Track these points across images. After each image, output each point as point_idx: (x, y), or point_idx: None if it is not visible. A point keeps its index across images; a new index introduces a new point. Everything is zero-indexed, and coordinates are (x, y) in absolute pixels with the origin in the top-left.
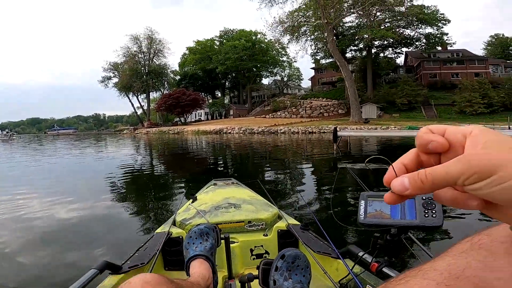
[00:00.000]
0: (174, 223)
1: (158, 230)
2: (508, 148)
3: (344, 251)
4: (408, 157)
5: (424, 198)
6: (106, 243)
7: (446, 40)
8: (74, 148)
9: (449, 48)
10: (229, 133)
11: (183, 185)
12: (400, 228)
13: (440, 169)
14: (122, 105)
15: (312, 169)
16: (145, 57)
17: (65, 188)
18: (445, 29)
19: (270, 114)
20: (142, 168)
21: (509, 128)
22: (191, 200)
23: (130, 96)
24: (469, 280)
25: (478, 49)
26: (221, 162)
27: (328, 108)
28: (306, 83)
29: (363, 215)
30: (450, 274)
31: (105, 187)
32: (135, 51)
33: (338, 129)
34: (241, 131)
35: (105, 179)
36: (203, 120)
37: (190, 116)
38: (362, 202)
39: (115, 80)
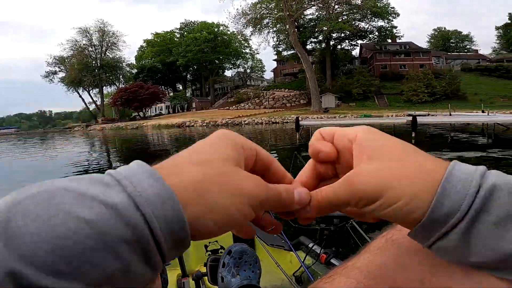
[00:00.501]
0: None
1: None
2: (397, 159)
3: (296, 243)
4: (305, 172)
5: None
6: None
7: (396, 33)
8: (16, 148)
9: (397, 40)
10: (192, 126)
11: None
12: (342, 218)
13: (329, 191)
14: (71, 101)
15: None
16: (97, 51)
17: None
18: (395, 22)
19: (233, 106)
20: (93, 168)
21: (450, 114)
22: None
23: (80, 91)
24: (384, 282)
25: (422, 42)
26: None
27: (290, 99)
28: (268, 75)
29: None
30: (369, 273)
31: None
32: (84, 44)
33: (300, 118)
34: (204, 124)
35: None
36: (164, 114)
37: (149, 110)
38: None
39: (62, 74)
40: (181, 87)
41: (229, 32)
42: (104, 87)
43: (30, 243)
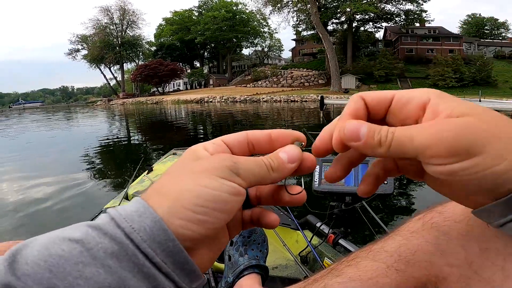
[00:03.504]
0: (126, 197)
1: (108, 205)
2: (491, 117)
3: (303, 222)
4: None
5: None
6: (49, 221)
7: (425, 17)
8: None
9: (426, 25)
10: (211, 102)
11: (152, 156)
12: (354, 197)
13: (405, 134)
14: (92, 77)
15: None
16: (118, 29)
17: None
18: (424, 6)
19: (251, 84)
20: (119, 139)
21: (480, 100)
22: (146, 171)
23: (102, 67)
24: (419, 266)
25: (453, 27)
26: (201, 130)
27: (308, 78)
28: (286, 54)
29: (317, 182)
30: (400, 257)
31: (59, 160)
32: (106, 23)
33: (324, 97)
34: (223, 100)
35: (66, 152)
36: (182, 90)
37: (168, 86)
38: (317, 168)
39: (84, 52)
40: (198, 64)
41: (247, 11)
42: (125, 63)
43: (29, 262)
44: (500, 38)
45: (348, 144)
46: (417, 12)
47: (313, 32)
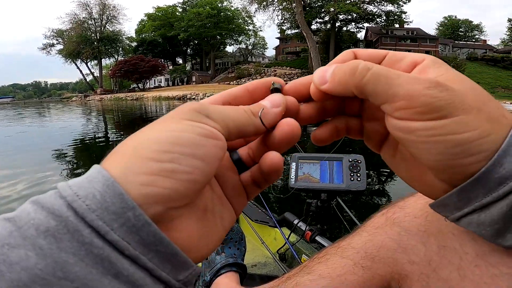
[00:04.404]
0: None
1: None
2: (477, 88)
3: (281, 219)
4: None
5: (350, 160)
6: None
7: (404, 18)
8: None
9: (405, 26)
10: (193, 99)
11: None
12: (329, 193)
13: (382, 72)
14: (67, 72)
15: None
16: (96, 24)
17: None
18: (404, 7)
19: (234, 81)
20: (94, 137)
21: None
22: None
23: (78, 63)
24: (384, 262)
25: (431, 29)
26: None
27: (292, 77)
28: (270, 52)
29: (294, 179)
30: (366, 254)
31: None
32: (84, 17)
33: None
34: (206, 97)
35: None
36: (163, 87)
37: (148, 82)
38: (293, 165)
39: (60, 47)
40: (181, 61)
41: (232, 8)
42: (103, 59)
43: None
44: (474, 40)
45: (320, 89)
46: (397, 13)
47: (297, 31)
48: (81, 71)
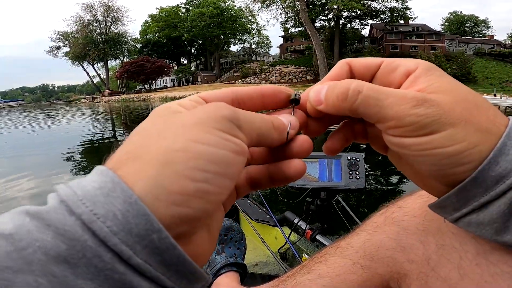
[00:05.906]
0: None
1: None
2: (468, 97)
3: (281, 218)
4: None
5: (349, 158)
6: None
7: (409, 14)
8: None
9: (410, 22)
10: None
11: None
12: (329, 192)
13: (372, 94)
14: (73, 75)
15: None
16: (101, 26)
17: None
18: (409, 3)
19: (239, 80)
20: (103, 139)
21: None
22: None
23: (85, 65)
24: (383, 262)
25: (436, 24)
26: None
27: (297, 75)
28: (274, 51)
29: None
30: (366, 253)
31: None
32: (88, 19)
33: None
34: None
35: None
36: (169, 87)
37: (154, 83)
38: None
39: (66, 49)
40: (185, 61)
41: (236, 7)
42: (109, 61)
43: None
44: (480, 35)
45: (317, 108)
46: (402, 9)
47: (301, 29)
48: (88, 73)
